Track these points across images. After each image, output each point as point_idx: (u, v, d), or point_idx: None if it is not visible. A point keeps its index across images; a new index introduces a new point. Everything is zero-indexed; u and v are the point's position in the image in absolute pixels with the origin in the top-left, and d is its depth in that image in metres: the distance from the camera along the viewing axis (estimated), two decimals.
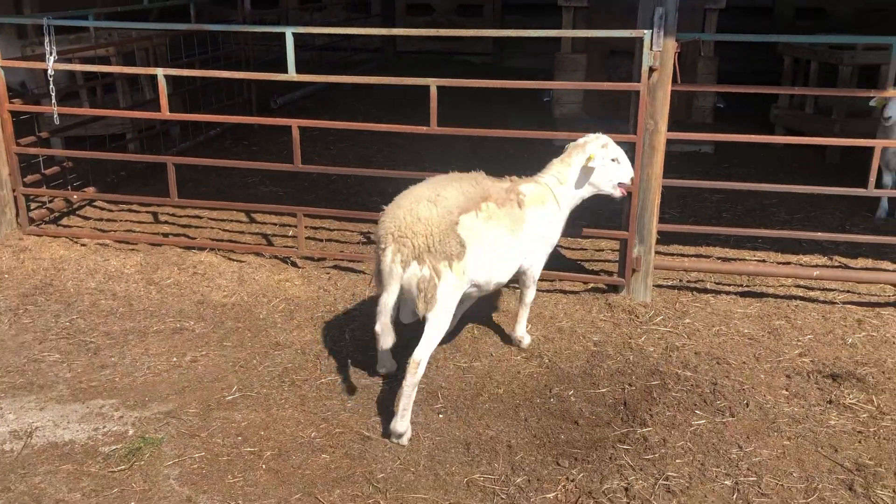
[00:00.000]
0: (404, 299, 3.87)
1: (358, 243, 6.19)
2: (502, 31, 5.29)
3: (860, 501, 3.36)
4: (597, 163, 4.40)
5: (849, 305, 5.16)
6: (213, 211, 6.79)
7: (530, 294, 4.54)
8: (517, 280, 4.47)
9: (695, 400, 4.09)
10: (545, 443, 3.77)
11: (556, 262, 5.88)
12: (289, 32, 5.27)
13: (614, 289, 5.27)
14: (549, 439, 3.80)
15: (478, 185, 4.05)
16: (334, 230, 6.45)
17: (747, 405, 4.04)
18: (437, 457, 3.68)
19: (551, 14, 9.23)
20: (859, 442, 3.76)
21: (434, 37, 9.39)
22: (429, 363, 4.38)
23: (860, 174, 5.22)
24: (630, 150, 4.93)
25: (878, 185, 6.37)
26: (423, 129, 5.27)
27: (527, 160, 8.41)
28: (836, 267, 5.75)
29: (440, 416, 3.99)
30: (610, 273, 5.51)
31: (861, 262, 5.84)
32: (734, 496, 3.39)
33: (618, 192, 4.57)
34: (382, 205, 3.95)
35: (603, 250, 6.10)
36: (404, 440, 3.76)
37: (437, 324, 3.81)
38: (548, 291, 5.30)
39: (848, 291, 5.37)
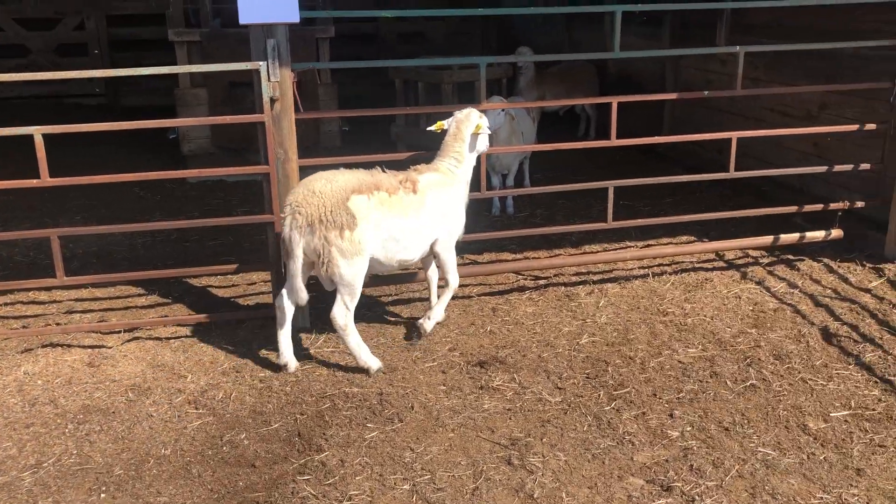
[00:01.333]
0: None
1: None
2: (111, 70, 4.95)
3: (518, 472, 3.73)
4: (485, 130, 4.95)
5: (483, 297, 5.73)
6: None
7: (451, 280, 5.02)
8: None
9: (365, 414, 4.22)
10: (223, 495, 3.60)
11: (207, 301, 5.69)
12: None
13: (274, 320, 5.23)
14: (228, 490, 3.64)
15: (373, 177, 4.55)
16: None
17: (412, 408, 4.27)
18: None
19: (166, 49, 8.88)
20: (510, 419, 4.18)
21: (34, 80, 8.56)
22: (85, 436, 4.05)
23: (475, 179, 5.81)
24: (265, 180, 4.94)
25: (489, 186, 7.18)
26: (33, 183, 4.73)
27: (158, 200, 8.05)
28: (468, 264, 6.34)
29: (102, 496, 3.61)
30: (267, 306, 5.46)
31: (487, 256, 6.52)
32: (414, 498, 3.56)
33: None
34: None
35: (255, 283, 6.02)
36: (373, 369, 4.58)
37: (346, 286, 4.42)
38: (204, 332, 5.09)
39: (480, 284, 5.95)
